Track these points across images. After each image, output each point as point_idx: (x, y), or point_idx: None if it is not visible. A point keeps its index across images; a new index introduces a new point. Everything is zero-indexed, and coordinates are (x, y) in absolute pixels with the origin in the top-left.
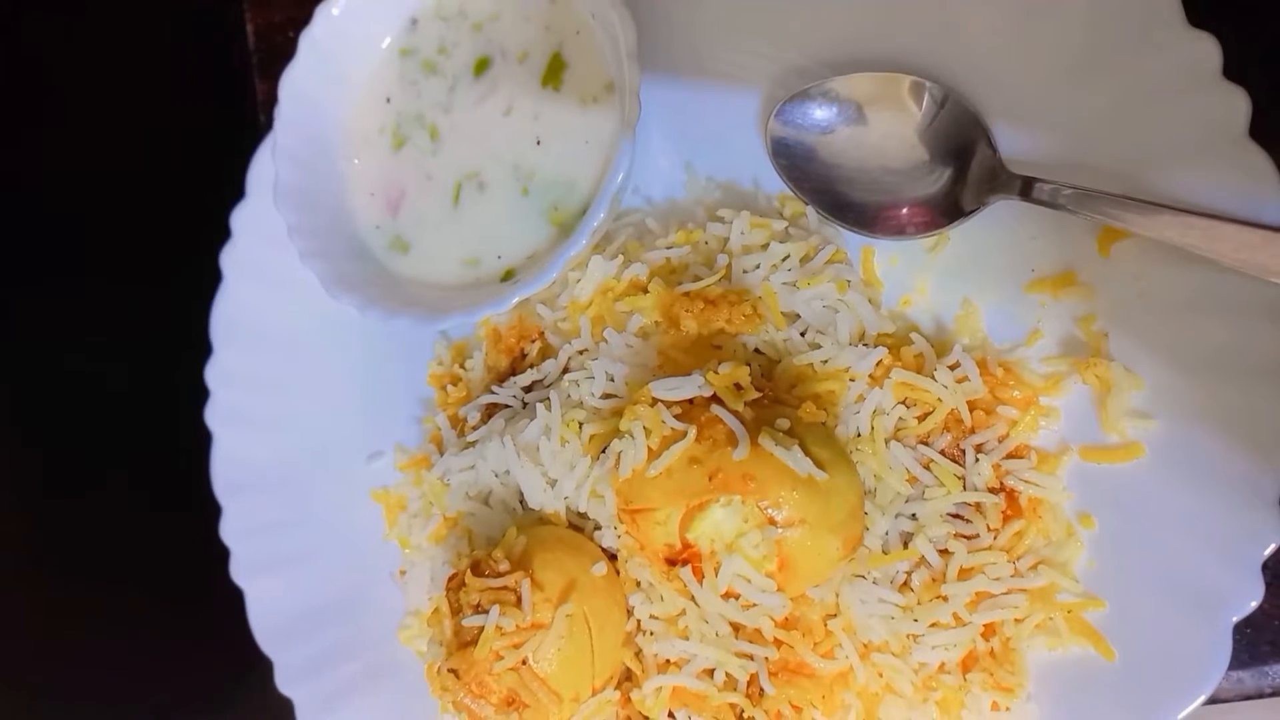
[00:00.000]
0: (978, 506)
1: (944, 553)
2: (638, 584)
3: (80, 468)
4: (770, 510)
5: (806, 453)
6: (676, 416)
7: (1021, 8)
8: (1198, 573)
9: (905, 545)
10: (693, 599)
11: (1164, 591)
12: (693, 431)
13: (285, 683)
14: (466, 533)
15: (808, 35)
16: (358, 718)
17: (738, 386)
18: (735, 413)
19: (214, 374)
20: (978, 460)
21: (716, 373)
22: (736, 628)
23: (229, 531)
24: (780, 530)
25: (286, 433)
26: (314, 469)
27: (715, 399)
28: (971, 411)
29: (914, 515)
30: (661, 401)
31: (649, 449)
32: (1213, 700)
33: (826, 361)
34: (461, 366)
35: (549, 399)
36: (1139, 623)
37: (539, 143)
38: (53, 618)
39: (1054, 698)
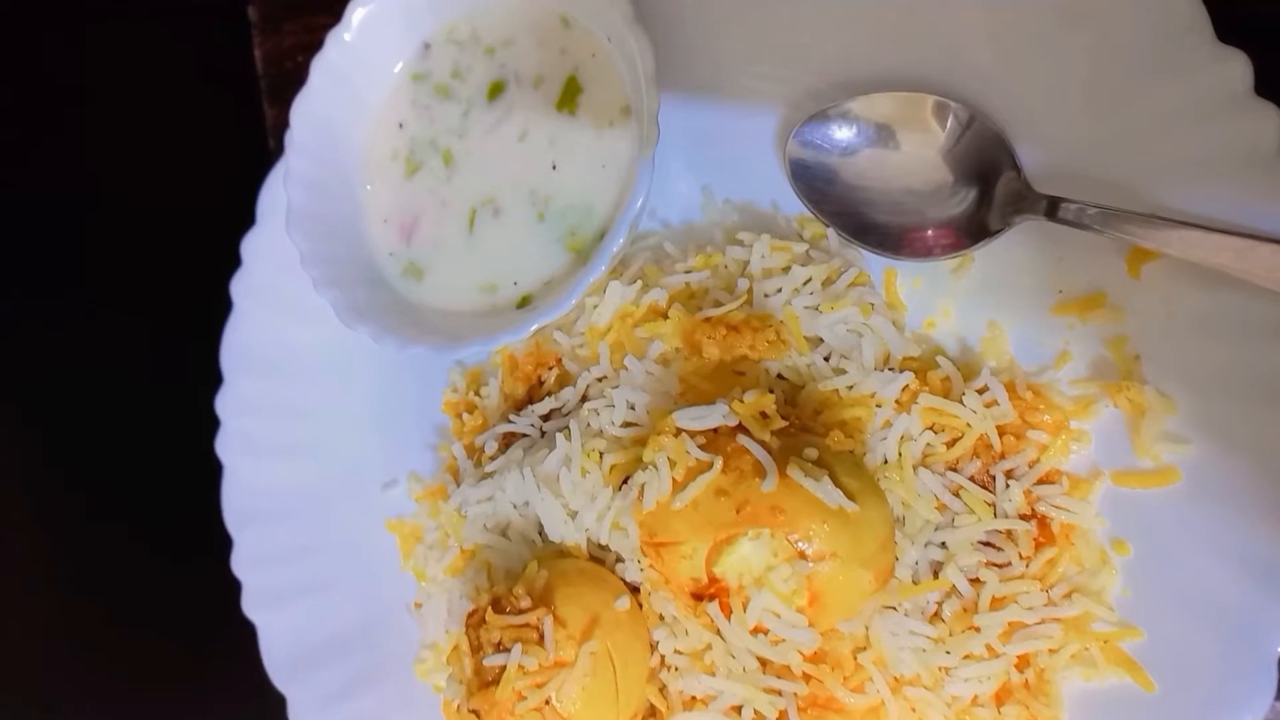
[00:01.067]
0: (1009, 534)
1: (975, 582)
2: (661, 618)
3: (94, 505)
4: (800, 543)
5: (836, 483)
6: (701, 446)
7: (1046, 25)
8: (1238, 600)
9: (935, 575)
10: (719, 634)
11: (1203, 620)
12: (719, 462)
13: (299, 718)
14: (485, 565)
15: (826, 56)
16: None
17: (763, 415)
18: (762, 442)
19: (225, 403)
20: (1008, 486)
21: (742, 401)
22: (764, 662)
23: (240, 563)
24: (810, 564)
25: (298, 461)
26: (327, 498)
27: (740, 428)
28: (1001, 436)
29: (944, 544)
30: (686, 432)
31: (673, 480)
32: None
33: (852, 387)
34: (477, 394)
35: (569, 428)
36: (1178, 652)
37: (555, 167)
38: (60, 649)
39: None
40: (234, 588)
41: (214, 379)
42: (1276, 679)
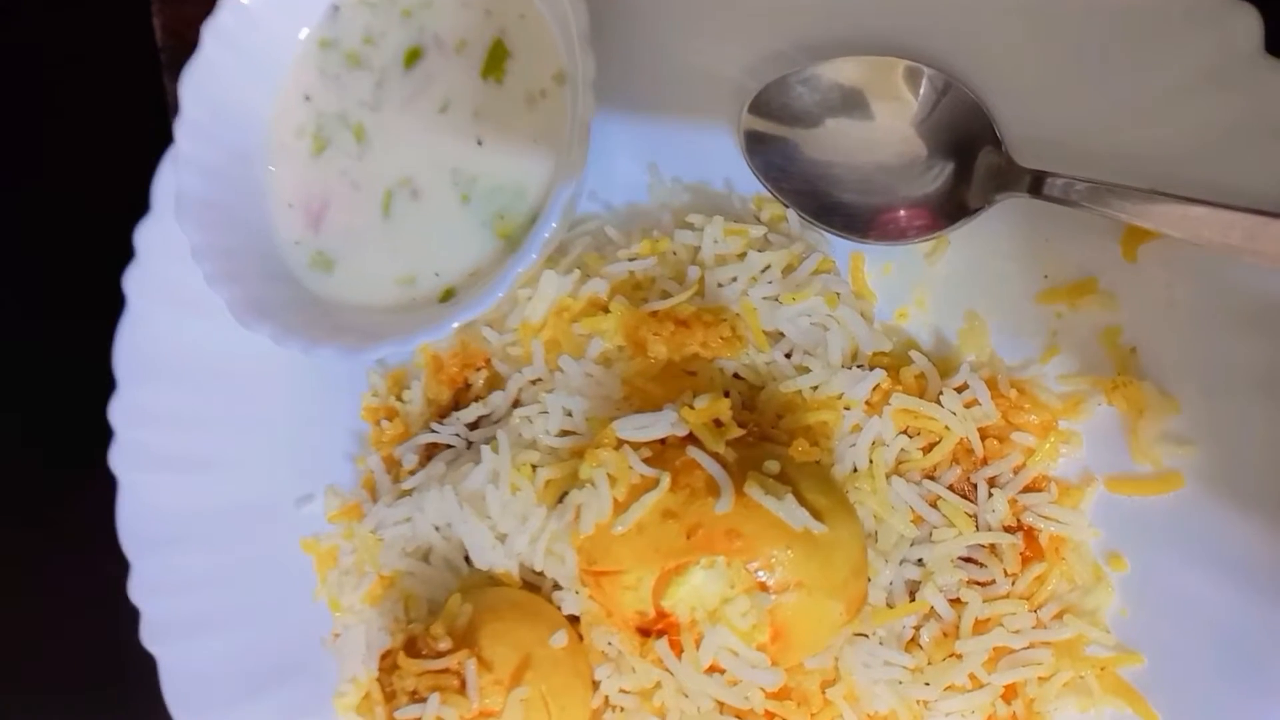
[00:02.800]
0: (992, 548)
1: (956, 603)
2: (604, 654)
3: None
4: (760, 573)
5: (801, 500)
6: (646, 460)
7: None
8: (1249, 621)
9: (911, 597)
10: (668, 670)
11: (1210, 643)
12: (666, 479)
13: None
14: (404, 596)
15: (786, 15)
16: None
17: (717, 423)
18: (716, 455)
19: (119, 412)
20: (991, 495)
21: (692, 408)
22: (720, 702)
23: (138, 590)
24: (773, 596)
25: (203, 476)
26: (236, 517)
27: (691, 439)
28: (983, 440)
29: (920, 561)
30: (628, 443)
31: (615, 500)
32: None
33: (817, 388)
34: (399, 398)
35: (496, 439)
36: (1182, 679)
37: (480, 143)
38: None
39: None
40: (133, 615)
41: (109, 384)
42: None
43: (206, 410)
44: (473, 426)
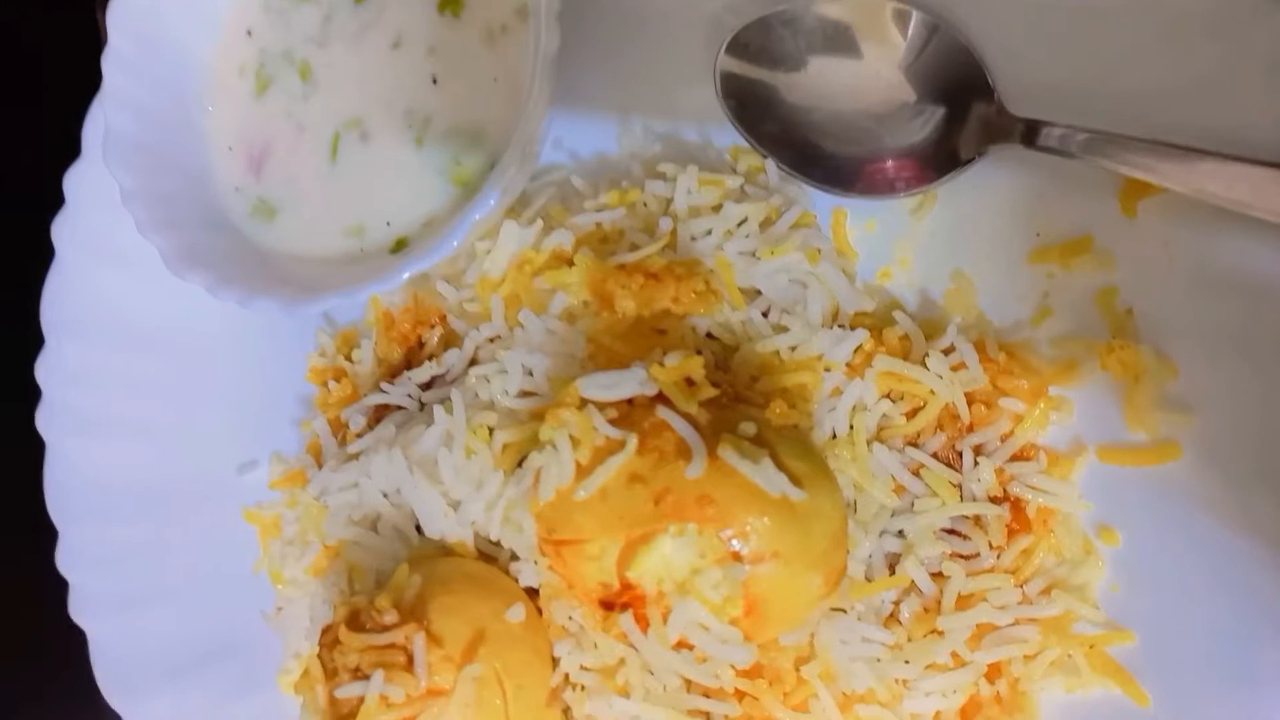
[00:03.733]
0: (977, 520)
1: (938, 577)
2: (565, 629)
3: None
4: (734, 542)
5: (778, 465)
6: (612, 421)
7: None
8: (1247, 596)
9: (892, 570)
10: (632, 646)
11: (1205, 621)
12: (633, 441)
13: None
14: (349, 567)
15: None
16: None
17: (689, 382)
18: (687, 416)
19: (46, 370)
20: (977, 464)
21: (662, 365)
22: (689, 679)
23: (67, 561)
24: (747, 567)
25: (138, 441)
26: (173, 484)
27: (661, 398)
28: (969, 405)
29: (901, 532)
30: (593, 403)
31: (577, 464)
32: None
33: (795, 348)
34: (348, 358)
35: (450, 399)
36: (1177, 658)
37: (435, 82)
38: None
39: None
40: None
41: (36, 340)
42: None
43: (141, 371)
44: (425, 387)
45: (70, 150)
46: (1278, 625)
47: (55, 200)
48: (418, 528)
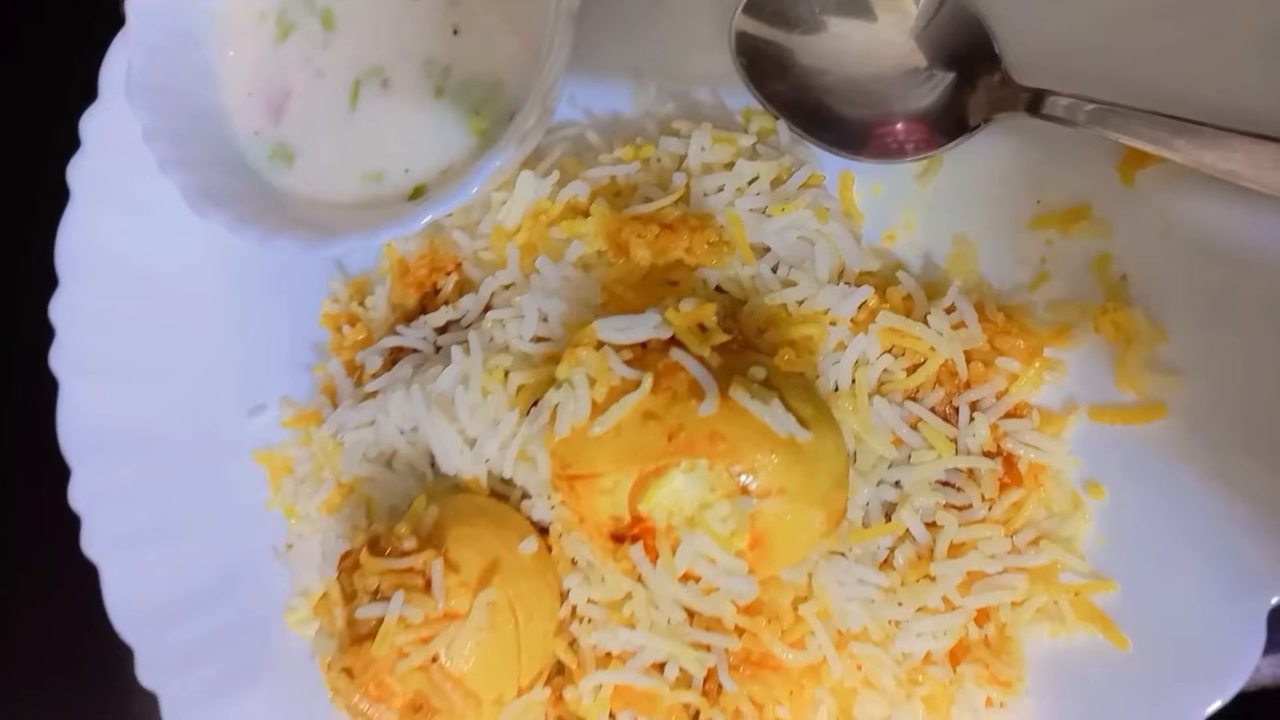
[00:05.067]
0: (971, 473)
1: (932, 526)
2: (574, 563)
3: None
4: (743, 477)
5: (787, 408)
6: (627, 363)
7: None
8: (1228, 550)
9: (888, 518)
10: (640, 581)
11: (1186, 572)
12: (648, 381)
13: (149, 674)
14: (365, 501)
15: None
16: (236, 713)
17: (701, 328)
18: (700, 359)
19: (60, 310)
20: (973, 419)
21: (678, 310)
22: (691, 614)
23: (80, 497)
24: (754, 501)
25: (150, 382)
26: (184, 425)
27: (674, 342)
28: (968, 363)
29: (898, 483)
30: (609, 345)
31: (593, 402)
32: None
33: (802, 302)
34: (361, 304)
35: (467, 341)
36: (1156, 607)
37: (456, 32)
38: None
39: (1056, 693)
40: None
41: (51, 281)
42: (1265, 637)
43: (154, 313)
44: (441, 331)
45: (88, 94)
46: (1252, 578)
47: (71, 143)
48: (432, 465)
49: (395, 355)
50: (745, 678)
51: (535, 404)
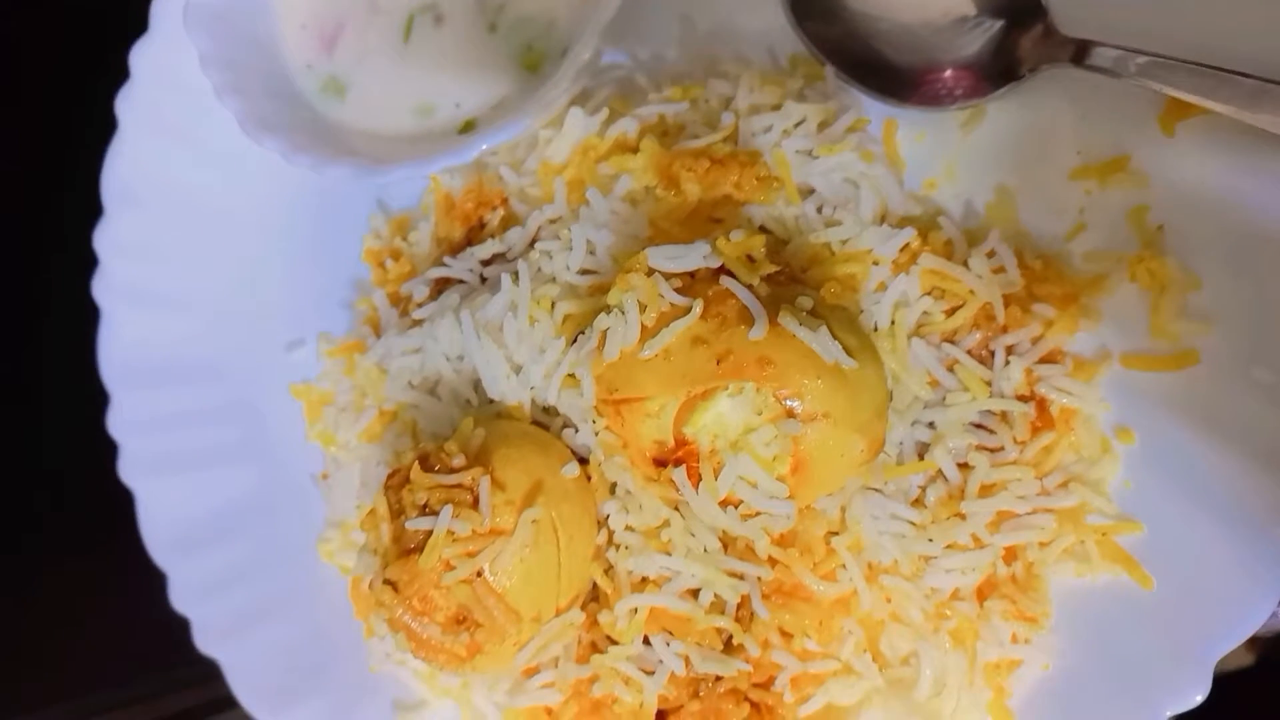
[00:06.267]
0: (1004, 416)
1: (964, 467)
2: (613, 491)
3: None
4: (789, 400)
5: (833, 337)
6: (676, 291)
7: None
8: (1252, 494)
9: (921, 457)
10: (676, 509)
11: (1211, 516)
12: (698, 306)
13: (181, 598)
14: (409, 426)
15: None
16: (266, 641)
17: (750, 259)
18: (749, 287)
19: (104, 239)
20: (1008, 363)
21: (728, 240)
22: (725, 544)
23: (118, 424)
24: (799, 425)
25: (191, 312)
26: (221, 355)
27: (723, 272)
28: (1005, 308)
29: (932, 424)
30: (659, 272)
31: (643, 326)
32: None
33: (846, 242)
34: (404, 239)
35: (517, 272)
36: (1180, 549)
37: None
38: None
39: (1079, 630)
40: (110, 449)
41: (95, 210)
42: None
43: (194, 245)
44: (486, 263)
45: (136, 27)
46: (1275, 524)
47: (120, 74)
48: (476, 392)
49: (440, 286)
50: (776, 607)
51: (581, 334)
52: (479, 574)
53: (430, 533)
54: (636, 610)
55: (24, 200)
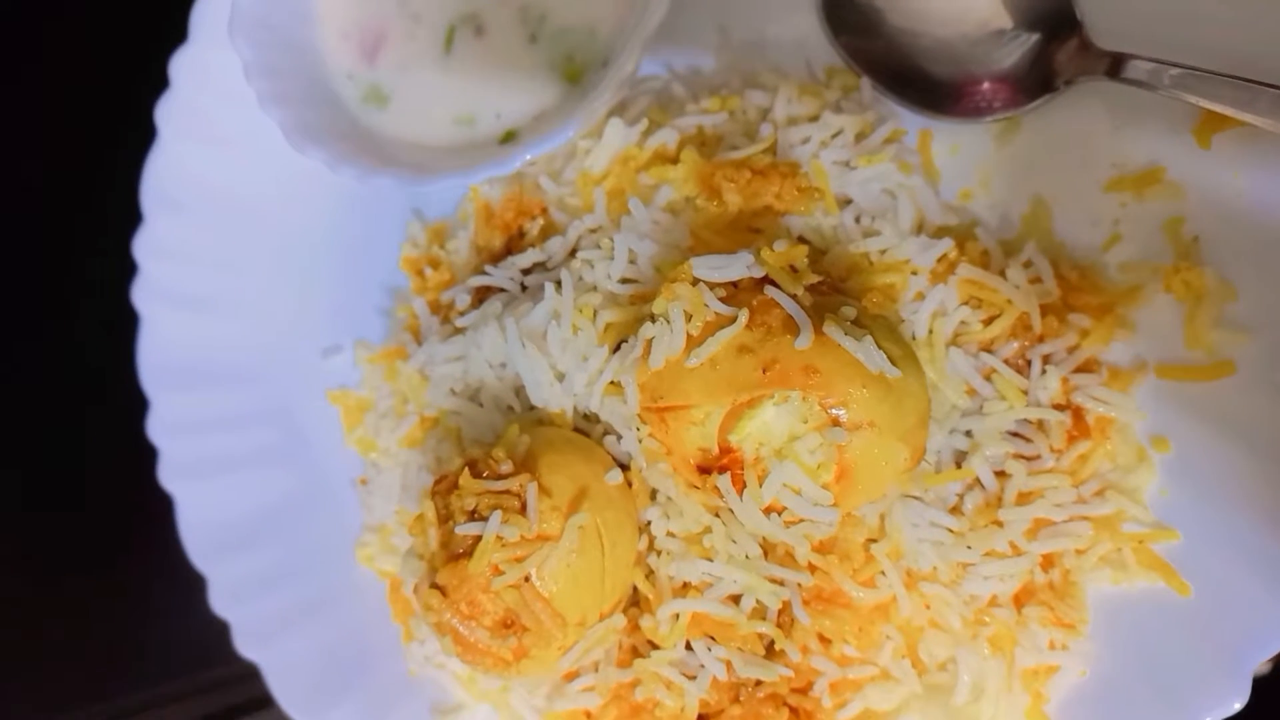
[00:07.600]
0: (1040, 424)
1: (1001, 475)
2: (654, 497)
3: None
4: (834, 409)
5: (877, 346)
6: (721, 300)
7: None
8: None
9: (958, 466)
10: (717, 515)
11: (1248, 523)
12: (744, 315)
13: (220, 602)
14: (452, 432)
15: None
16: (305, 644)
17: (793, 269)
18: (793, 297)
19: (144, 245)
20: (1044, 372)
21: (771, 250)
22: (765, 551)
23: (157, 428)
24: (845, 433)
25: (228, 318)
26: (259, 361)
27: (766, 281)
28: (1042, 318)
29: (970, 432)
30: (703, 282)
31: (688, 335)
32: None
33: (885, 252)
34: (442, 248)
35: (559, 280)
36: (1217, 557)
37: None
38: None
39: (1116, 637)
40: (150, 454)
41: (135, 217)
42: None
43: (234, 251)
44: (526, 272)
45: (175, 35)
46: None
47: (159, 82)
48: (518, 399)
49: (481, 295)
50: (816, 613)
51: (623, 342)
52: (526, 579)
53: (479, 538)
54: (679, 615)
55: (65, 207)
